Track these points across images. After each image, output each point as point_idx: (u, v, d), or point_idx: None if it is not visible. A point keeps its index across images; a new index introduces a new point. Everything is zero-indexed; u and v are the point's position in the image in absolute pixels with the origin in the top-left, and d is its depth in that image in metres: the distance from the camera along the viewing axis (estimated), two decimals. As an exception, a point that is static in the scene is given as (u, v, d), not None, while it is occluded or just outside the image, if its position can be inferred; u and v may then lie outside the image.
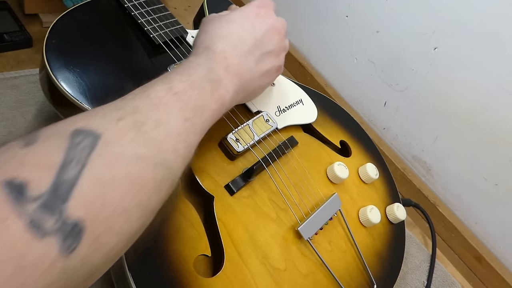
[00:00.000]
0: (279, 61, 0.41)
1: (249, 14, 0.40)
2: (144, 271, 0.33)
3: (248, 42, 0.37)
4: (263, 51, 0.39)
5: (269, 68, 0.40)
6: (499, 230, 0.67)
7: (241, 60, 0.36)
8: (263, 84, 0.41)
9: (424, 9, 0.66)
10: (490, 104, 0.62)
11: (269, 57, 0.40)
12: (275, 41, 0.40)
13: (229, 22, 0.38)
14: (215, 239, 0.38)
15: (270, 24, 0.40)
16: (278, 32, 0.40)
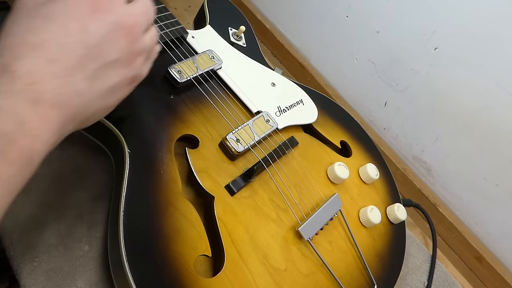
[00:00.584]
0: (132, 70, 0.30)
1: (79, 7, 0.27)
2: (145, 271, 0.33)
3: (74, 54, 0.26)
4: (100, 63, 0.27)
5: (115, 83, 0.29)
6: (500, 230, 0.67)
7: (62, 81, 0.25)
8: (107, 104, 0.30)
9: (424, 9, 0.66)
10: (490, 104, 0.62)
11: (113, 68, 0.28)
12: (121, 45, 0.28)
13: (45, 20, 0.26)
14: (215, 239, 0.38)
15: (112, 22, 0.28)
16: (127, 32, 0.29)
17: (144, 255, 0.34)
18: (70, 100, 0.26)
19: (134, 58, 0.30)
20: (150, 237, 0.35)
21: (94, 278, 0.41)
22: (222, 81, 0.49)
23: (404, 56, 0.71)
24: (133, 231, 0.34)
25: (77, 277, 0.41)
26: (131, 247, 0.34)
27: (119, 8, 0.28)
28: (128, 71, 0.30)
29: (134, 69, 0.30)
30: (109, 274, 0.40)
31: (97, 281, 0.41)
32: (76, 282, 0.41)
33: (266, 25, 0.91)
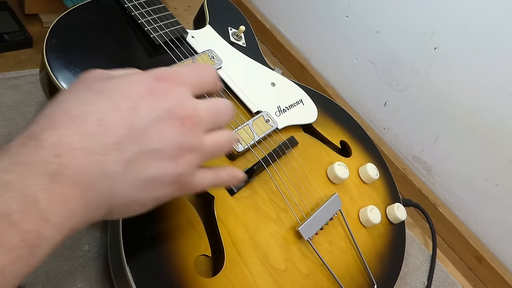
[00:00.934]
0: (176, 167, 0.26)
1: (137, 85, 0.25)
2: (144, 271, 0.33)
3: (115, 132, 0.23)
4: (141, 148, 0.24)
5: (153, 176, 0.25)
6: (499, 230, 0.67)
7: (92, 159, 0.22)
8: (141, 199, 0.25)
9: (424, 9, 0.66)
10: (490, 104, 0.62)
11: (155, 159, 0.25)
12: (169, 136, 0.25)
13: (96, 93, 0.24)
14: (215, 239, 0.38)
15: (166, 109, 0.25)
16: (181, 124, 0.25)
17: (144, 255, 0.34)
18: (97, 182, 0.23)
19: (182, 153, 0.26)
20: (150, 237, 0.35)
21: (94, 278, 0.41)
22: (222, 81, 0.49)
23: (404, 56, 0.71)
24: (133, 231, 0.34)
25: (77, 277, 0.41)
26: (131, 247, 0.34)
27: (180, 97, 0.26)
28: (172, 167, 0.25)
29: (179, 166, 0.26)
30: (109, 274, 0.40)
31: (97, 281, 0.41)
32: (76, 282, 0.41)
33: (266, 25, 0.91)
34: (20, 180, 0.20)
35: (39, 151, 0.21)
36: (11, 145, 0.22)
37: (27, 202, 0.20)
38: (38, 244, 0.20)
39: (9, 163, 0.21)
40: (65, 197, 0.21)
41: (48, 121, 0.23)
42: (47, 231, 0.21)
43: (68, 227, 0.22)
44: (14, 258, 0.19)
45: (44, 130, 0.22)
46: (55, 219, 0.21)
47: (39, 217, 0.20)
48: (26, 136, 0.22)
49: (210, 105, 0.28)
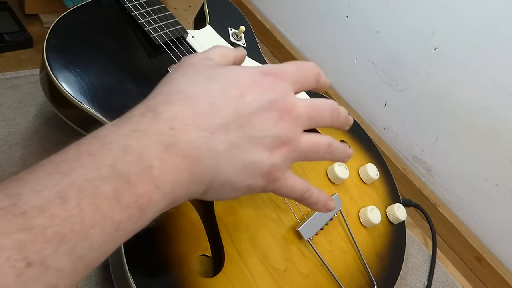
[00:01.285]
0: (271, 158, 0.27)
1: (245, 77, 0.27)
2: (144, 271, 0.33)
3: (224, 114, 0.25)
4: (245, 133, 0.26)
5: (250, 162, 0.26)
6: (500, 230, 0.67)
7: (202, 136, 0.24)
8: (235, 182, 0.26)
9: (424, 9, 0.66)
10: (490, 104, 0.62)
11: (254, 145, 0.26)
12: (268, 125, 0.26)
13: (208, 79, 0.27)
14: (215, 239, 0.38)
15: (269, 100, 0.26)
16: (279, 116, 0.27)
17: (144, 255, 0.34)
18: (204, 158, 0.24)
19: (278, 145, 0.27)
20: (150, 237, 0.35)
21: (94, 278, 0.41)
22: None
23: (404, 56, 0.71)
24: (133, 231, 0.34)
25: (77, 277, 0.41)
26: (131, 247, 0.34)
27: (282, 91, 0.27)
28: (267, 157, 0.26)
29: (273, 157, 0.27)
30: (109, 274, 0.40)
31: (97, 281, 0.41)
32: (76, 282, 0.41)
33: (266, 25, 0.91)
34: (140, 146, 0.22)
35: (156, 122, 0.23)
36: (132, 114, 0.24)
37: (143, 167, 0.22)
38: (147, 207, 0.22)
39: (130, 129, 0.23)
40: (175, 168, 0.23)
41: (165, 98, 0.25)
42: (156, 197, 0.22)
43: (173, 197, 0.24)
44: (127, 216, 0.21)
45: (161, 104, 0.24)
46: (164, 187, 0.22)
47: (151, 182, 0.22)
48: (145, 108, 0.25)
49: (312, 103, 0.29)
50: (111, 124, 0.24)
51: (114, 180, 0.21)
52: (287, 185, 0.29)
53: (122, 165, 0.21)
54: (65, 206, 0.19)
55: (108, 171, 0.21)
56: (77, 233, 0.19)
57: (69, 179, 0.20)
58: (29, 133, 0.50)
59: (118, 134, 0.23)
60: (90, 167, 0.21)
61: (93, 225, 0.20)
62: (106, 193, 0.20)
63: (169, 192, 0.23)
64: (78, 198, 0.19)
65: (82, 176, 0.20)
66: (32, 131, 0.50)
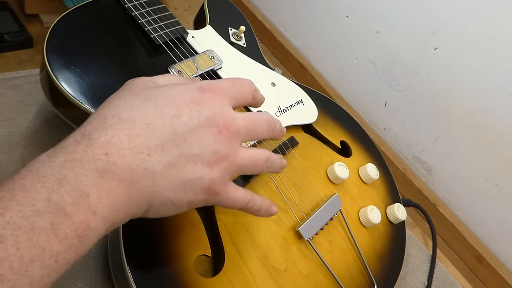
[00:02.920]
0: (211, 173, 0.27)
1: (182, 96, 0.27)
2: (145, 272, 0.33)
3: (159, 135, 0.25)
4: (182, 152, 0.26)
5: (190, 179, 0.26)
6: (500, 230, 0.67)
7: (137, 158, 0.24)
8: (177, 200, 0.27)
9: (424, 9, 0.66)
10: (490, 104, 0.62)
11: (193, 163, 0.26)
12: (206, 141, 0.27)
13: (144, 100, 0.27)
14: (215, 239, 0.38)
15: (206, 117, 0.27)
16: (218, 132, 0.27)
17: (144, 255, 0.34)
18: (140, 179, 0.25)
19: (217, 160, 0.27)
20: (150, 237, 0.35)
21: (94, 278, 0.41)
22: (222, 81, 0.49)
23: (404, 56, 0.71)
24: (133, 231, 0.34)
25: (77, 277, 0.41)
26: (131, 247, 0.34)
27: (220, 107, 0.28)
28: (207, 172, 0.27)
29: (213, 172, 0.27)
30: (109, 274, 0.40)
31: (97, 281, 0.41)
32: (76, 282, 0.41)
33: (266, 25, 0.91)
34: (74, 175, 0.22)
35: (91, 149, 0.24)
36: (66, 143, 0.24)
37: (79, 196, 0.22)
38: (86, 234, 0.22)
39: (64, 160, 0.23)
40: (111, 192, 0.23)
41: (100, 122, 0.25)
42: (94, 223, 0.23)
43: (112, 220, 0.24)
44: (66, 247, 0.21)
45: (96, 130, 0.25)
46: (102, 212, 0.23)
47: (88, 209, 0.22)
48: (80, 135, 0.25)
49: (248, 117, 0.29)
50: (45, 155, 0.24)
51: (50, 214, 0.21)
52: (230, 198, 0.29)
53: (57, 197, 0.21)
54: (2, 246, 0.19)
55: (43, 205, 0.21)
56: (17, 271, 0.19)
57: (4, 218, 0.20)
58: (29, 133, 0.50)
59: (52, 166, 0.23)
60: (25, 203, 0.21)
61: (32, 260, 0.20)
62: (43, 227, 0.20)
63: (108, 216, 0.23)
64: (15, 236, 0.20)
65: (17, 213, 0.20)
66: (32, 131, 0.50)
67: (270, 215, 0.34)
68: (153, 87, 0.29)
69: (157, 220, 0.36)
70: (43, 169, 0.23)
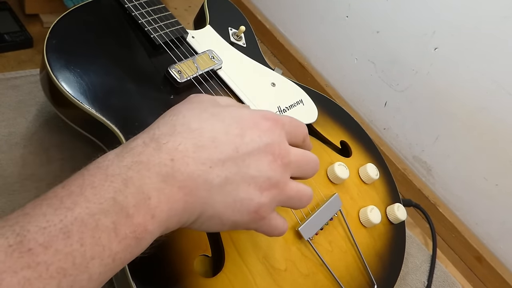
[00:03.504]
0: (261, 197, 0.28)
1: (246, 119, 0.29)
2: (144, 271, 0.33)
3: (223, 150, 0.26)
4: (240, 170, 0.27)
5: (242, 198, 0.27)
6: (500, 230, 0.67)
7: (199, 169, 0.25)
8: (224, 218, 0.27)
9: (424, 9, 0.66)
10: (490, 104, 0.62)
11: (247, 183, 0.27)
12: (263, 167, 0.28)
13: (212, 116, 0.28)
14: (215, 239, 0.38)
15: (265, 143, 0.28)
16: (273, 160, 0.28)
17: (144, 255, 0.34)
18: (198, 189, 0.25)
19: (268, 187, 0.28)
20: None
21: (94, 278, 0.41)
22: (222, 81, 0.49)
23: (404, 56, 0.71)
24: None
25: (77, 277, 0.41)
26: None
27: (278, 137, 0.29)
28: (257, 196, 0.28)
29: (263, 197, 0.28)
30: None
31: (97, 281, 0.41)
32: (76, 282, 0.41)
33: (266, 25, 0.91)
34: (139, 177, 0.23)
35: (158, 153, 0.25)
36: (135, 144, 0.25)
37: (141, 198, 0.23)
38: (143, 237, 0.23)
39: (132, 161, 0.24)
40: (171, 198, 0.24)
41: (169, 129, 0.26)
42: (151, 226, 0.23)
43: (166, 225, 0.25)
44: (124, 247, 0.22)
45: (165, 135, 0.26)
46: (159, 216, 0.23)
47: (148, 212, 0.23)
48: (149, 138, 0.26)
49: (302, 153, 0.31)
50: (114, 153, 0.25)
51: (114, 213, 0.22)
52: (271, 225, 0.30)
53: (122, 197, 0.22)
54: (68, 241, 0.20)
55: (109, 204, 0.22)
56: (78, 266, 0.20)
57: (73, 214, 0.21)
58: (29, 133, 0.50)
59: (120, 166, 0.24)
60: (93, 200, 0.21)
61: (93, 257, 0.21)
62: (106, 226, 0.21)
63: (164, 221, 0.24)
64: (81, 232, 0.20)
65: (85, 210, 0.21)
66: (32, 131, 0.50)
67: None
68: (220, 105, 0.30)
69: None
70: (112, 168, 0.23)
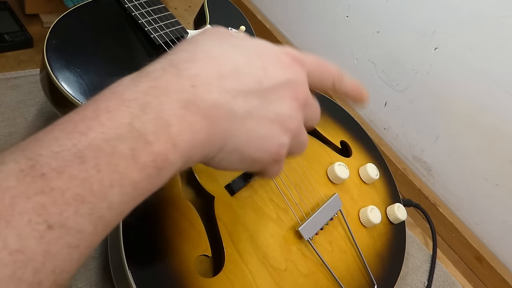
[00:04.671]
0: (281, 136, 0.27)
1: (269, 52, 0.27)
2: (145, 272, 0.33)
3: (246, 81, 0.25)
4: (263, 104, 0.26)
5: (263, 134, 0.26)
6: (500, 230, 0.67)
7: (222, 97, 0.24)
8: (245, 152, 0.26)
9: (424, 9, 0.66)
10: (490, 104, 0.62)
11: (269, 119, 0.26)
12: (285, 105, 0.27)
13: (234, 47, 0.27)
14: (215, 239, 0.38)
15: (288, 79, 0.27)
16: (294, 98, 0.27)
17: (144, 255, 0.34)
18: (222, 119, 0.24)
19: (290, 127, 0.27)
20: (150, 237, 0.35)
21: (94, 278, 0.41)
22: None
23: (404, 56, 0.71)
24: (133, 231, 0.34)
25: (77, 277, 0.41)
26: (131, 247, 0.34)
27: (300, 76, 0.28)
28: (279, 135, 0.27)
29: (285, 138, 0.27)
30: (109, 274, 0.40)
31: (97, 281, 0.41)
32: (76, 282, 0.41)
33: (266, 25, 0.91)
34: (158, 103, 0.21)
35: (177, 78, 0.23)
36: (152, 69, 0.23)
37: (161, 125, 0.21)
38: (164, 166, 0.21)
39: (149, 86, 0.22)
40: (193, 126, 0.22)
41: (189, 55, 0.24)
42: (173, 156, 0.22)
43: (188, 156, 0.23)
44: (144, 176, 0.21)
45: (185, 61, 0.24)
46: (181, 146, 0.22)
47: (169, 140, 0.21)
48: (168, 63, 0.24)
49: (315, 102, 0.30)
50: (129, 78, 0.23)
51: (132, 139, 0.20)
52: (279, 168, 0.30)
53: (140, 123, 0.21)
54: (83, 167, 0.19)
55: (126, 129, 0.20)
56: (96, 194, 0.19)
57: (87, 138, 0.19)
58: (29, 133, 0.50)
59: (136, 91, 0.22)
60: (108, 125, 0.20)
61: (111, 185, 0.19)
62: (124, 153, 0.20)
63: (186, 151, 0.22)
64: (96, 158, 0.19)
65: (100, 135, 0.20)
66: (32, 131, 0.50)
67: None
68: (240, 37, 0.28)
69: (157, 220, 0.36)
70: (127, 93, 0.22)
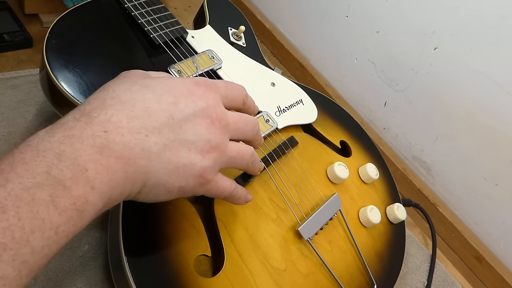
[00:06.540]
0: (203, 161, 0.28)
1: (179, 87, 0.29)
2: (144, 271, 0.33)
3: (157, 118, 0.27)
4: (177, 137, 0.27)
5: (183, 164, 0.28)
6: (499, 230, 0.67)
7: (135, 138, 0.25)
8: (169, 184, 0.28)
9: (424, 9, 0.66)
10: (490, 104, 0.62)
11: (187, 149, 0.28)
12: (201, 131, 0.28)
13: (143, 87, 0.28)
14: (215, 239, 0.38)
15: (201, 108, 0.29)
16: (210, 123, 0.29)
17: (144, 255, 0.34)
18: (137, 158, 0.25)
19: (209, 150, 0.29)
20: (150, 237, 0.35)
21: (94, 278, 0.41)
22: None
23: (404, 56, 0.71)
24: (133, 231, 0.34)
25: (77, 277, 0.41)
26: (131, 247, 0.34)
27: (213, 101, 0.30)
28: (199, 159, 0.28)
29: (205, 160, 0.29)
30: (109, 274, 0.40)
31: (97, 281, 0.41)
32: (76, 282, 0.41)
33: (266, 25, 0.91)
34: (73, 150, 0.23)
35: (90, 126, 0.24)
36: (65, 120, 0.25)
37: (78, 170, 0.23)
38: (84, 208, 0.23)
39: (63, 135, 0.24)
40: (109, 168, 0.24)
41: (99, 103, 0.26)
42: (92, 198, 0.23)
43: (108, 196, 0.24)
44: (65, 219, 0.22)
45: (96, 109, 0.25)
46: (99, 188, 0.23)
47: (87, 184, 0.23)
48: (79, 113, 0.25)
49: (238, 115, 0.32)
50: (44, 131, 0.24)
51: (50, 186, 0.21)
52: (218, 187, 0.31)
53: (57, 171, 0.22)
54: (4, 216, 0.20)
55: (43, 177, 0.21)
56: (18, 240, 0.20)
57: (5, 189, 0.20)
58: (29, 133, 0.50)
59: (51, 141, 0.23)
60: (25, 175, 0.21)
61: (32, 231, 0.20)
62: (43, 199, 0.21)
63: (105, 191, 0.24)
64: (16, 207, 0.20)
65: (18, 185, 0.21)
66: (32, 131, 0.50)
67: (246, 203, 0.36)
68: (150, 77, 0.30)
69: (157, 220, 0.36)
70: (42, 144, 0.23)
